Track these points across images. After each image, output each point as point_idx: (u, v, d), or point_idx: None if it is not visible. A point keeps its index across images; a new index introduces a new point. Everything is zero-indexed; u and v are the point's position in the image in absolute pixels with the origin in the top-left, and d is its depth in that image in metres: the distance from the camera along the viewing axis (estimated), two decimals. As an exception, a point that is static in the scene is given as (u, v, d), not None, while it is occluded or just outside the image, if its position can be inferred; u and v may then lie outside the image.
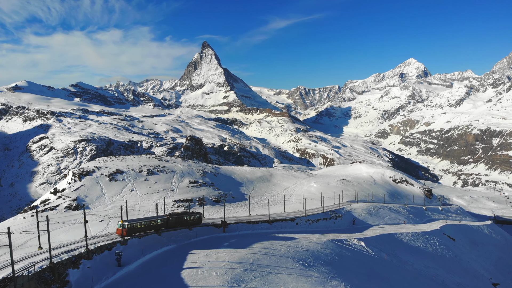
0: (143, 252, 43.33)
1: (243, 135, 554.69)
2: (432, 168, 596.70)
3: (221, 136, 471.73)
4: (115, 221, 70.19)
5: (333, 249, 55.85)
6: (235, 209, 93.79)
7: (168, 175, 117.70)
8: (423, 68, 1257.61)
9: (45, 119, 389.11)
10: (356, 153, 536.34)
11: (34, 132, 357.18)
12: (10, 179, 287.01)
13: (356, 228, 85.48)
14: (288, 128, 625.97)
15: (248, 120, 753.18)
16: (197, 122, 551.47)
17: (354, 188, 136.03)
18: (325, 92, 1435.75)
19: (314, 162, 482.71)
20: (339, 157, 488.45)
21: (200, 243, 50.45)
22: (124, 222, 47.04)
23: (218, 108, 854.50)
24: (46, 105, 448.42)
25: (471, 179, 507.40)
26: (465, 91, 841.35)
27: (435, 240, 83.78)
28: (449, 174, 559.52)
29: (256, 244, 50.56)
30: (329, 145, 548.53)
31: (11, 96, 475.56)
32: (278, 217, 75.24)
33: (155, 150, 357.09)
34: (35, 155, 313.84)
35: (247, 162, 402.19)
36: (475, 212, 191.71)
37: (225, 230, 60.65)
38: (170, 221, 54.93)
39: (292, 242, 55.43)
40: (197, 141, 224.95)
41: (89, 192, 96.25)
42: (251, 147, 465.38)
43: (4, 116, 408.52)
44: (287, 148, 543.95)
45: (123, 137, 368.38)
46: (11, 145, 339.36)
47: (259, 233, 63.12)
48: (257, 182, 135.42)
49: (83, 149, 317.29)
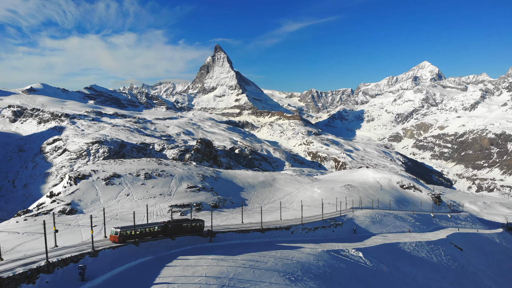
0: (112, 265, 39.88)
1: (254, 138, 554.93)
2: (446, 173, 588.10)
3: (232, 138, 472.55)
4: (108, 227, 69.11)
5: (327, 260, 52.43)
6: (233, 215, 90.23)
7: (167, 179, 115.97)
8: (437, 71, 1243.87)
9: (59, 121, 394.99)
10: (369, 157, 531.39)
11: (48, 134, 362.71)
12: (24, 180, 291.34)
13: (356, 237, 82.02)
14: (300, 131, 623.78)
15: (259, 123, 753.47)
16: (208, 125, 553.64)
17: (359, 194, 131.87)
18: (337, 95, 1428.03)
19: (325, 165, 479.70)
20: (351, 160, 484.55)
21: (181, 255, 46.85)
22: (117, 229, 45.83)
23: (229, 111, 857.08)
24: (60, 107, 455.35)
25: (485, 184, 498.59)
26: (480, 94, 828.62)
27: (441, 250, 79.83)
28: (463, 179, 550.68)
29: (242, 255, 47.27)
30: (341, 149, 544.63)
31: (26, 98, 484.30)
32: (272, 225, 71.39)
33: (167, 153, 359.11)
34: (49, 157, 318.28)
35: (258, 165, 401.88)
36: (488, 218, 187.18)
37: (212, 239, 56.25)
38: (168, 228, 52.45)
39: (283, 252, 52.16)
40: (208, 143, 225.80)
41: (84, 196, 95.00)
42: (262, 150, 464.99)
43: (19, 118, 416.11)
44: (298, 151, 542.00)
45: (135, 140, 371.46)
46: (26, 147, 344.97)
47: (249, 242, 59.57)
48: (259, 187, 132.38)
49: (96, 151, 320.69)
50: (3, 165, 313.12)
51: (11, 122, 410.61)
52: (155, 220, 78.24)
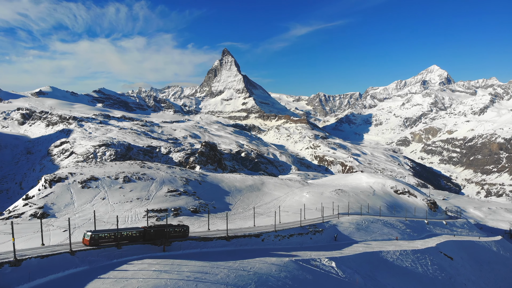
0: (31, 276, 36.15)
1: (261, 141, 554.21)
2: (455, 178, 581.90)
3: (238, 142, 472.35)
4: (80, 231, 67.40)
5: (291, 271, 47.72)
6: (213, 220, 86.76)
7: (147, 183, 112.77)
8: (446, 75, 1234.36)
9: (67, 124, 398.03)
10: (376, 161, 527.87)
11: (56, 136, 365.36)
12: (31, 183, 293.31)
13: (336, 244, 76.51)
14: (307, 134, 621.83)
15: (266, 126, 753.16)
16: (215, 128, 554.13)
17: (349, 199, 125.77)
18: (345, 98, 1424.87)
19: (332, 169, 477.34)
20: (359, 164, 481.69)
21: (125, 264, 42.70)
22: (88, 232, 45.67)
23: (236, 115, 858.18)
24: (68, 110, 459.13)
25: (494, 189, 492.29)
26: (489, 98, 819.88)
27: (428, 260, 75.00)
28: (472, 184, 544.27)
29: (191, 267, 42.56)
30: (349, 153, 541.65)
31: (35, 101, 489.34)
32: (241, 232, 66.48)
33: (173, 156, 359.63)
34: (56, 159, 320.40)
35: (264, 168, 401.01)
36: (492, 224, 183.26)
37: (166, 248, 51.63)
38: (148, 233, 50.81)
39: (242, 263, 47.15)
40: (212, 146, 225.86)
41: (58, 199, 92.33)
42: (269, 153, 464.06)
43: (28, 121, 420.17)
44: (305, 155, 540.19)
45: (142, 142, 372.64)
46: (33, 149, 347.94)
47: (210, 252, 54.84)
48: (246, 191, 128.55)
49: (102, 153, 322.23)
50: (11, 167, 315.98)
51: (19, 125, 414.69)
52: (129, 225, 76.37)
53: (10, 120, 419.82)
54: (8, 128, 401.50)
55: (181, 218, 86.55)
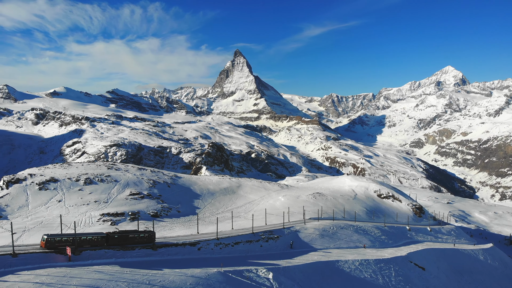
0: None
1: (271, 142, 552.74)
2: (469, 180, 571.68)
3: (249, 143, 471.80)
4: (29, 235, 66.61)
5: (212, 285, 42.17)
6: (171, 225, 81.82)
7: (109, 185, 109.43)
8: (461, 76, 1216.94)
9: (80, 124, 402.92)
10: (389, 163, 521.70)
11: (68, 136, 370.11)
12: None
13: (289, 253, 69.80)
14: (318, 136, 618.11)
15: (277, 127, 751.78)
16: (226, 129, 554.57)
17: (325, 203, 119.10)
18: (358, 99, 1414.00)
19: (344, 171, 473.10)
20: (371, 166, 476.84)
21: (6, 275, 38.35)
22: (45, 235, 45.82)
23: (248, 115, 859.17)
24: (82, 110, 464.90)
25: (509, 192, 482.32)
26: (504, 100, 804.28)
27: (392, 270, 68.27)
28: (486, 187, 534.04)
29: (84, 280, 37.42)
30: (361, 154, 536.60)
31: (50, 102, 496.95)
32: (174, 240, 61.62)
33: (183, 156, 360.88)
34: (68, 159, 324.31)
35: (274, 169, 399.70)
36: (497, 229, 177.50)
37: (74, 258, 46.25)
38: (112, 238, 49.56)
39: (154, 274, 41.78)
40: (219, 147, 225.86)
41: (13, 201, 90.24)
42: (279, 154, 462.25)
43: (42, 121, 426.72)
44: (316, 156, 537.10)
45: (153, 143, 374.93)
46: (46, 149, 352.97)
47: (126, 262, 48.74)
48: (219, 194, 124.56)
49: (113, 153, 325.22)
50: (24, 167, 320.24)
51: (33, 125, 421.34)
52: (81, 230, 74.81)
53: (24, 120, 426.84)
54: (22, 128, 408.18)
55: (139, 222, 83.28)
